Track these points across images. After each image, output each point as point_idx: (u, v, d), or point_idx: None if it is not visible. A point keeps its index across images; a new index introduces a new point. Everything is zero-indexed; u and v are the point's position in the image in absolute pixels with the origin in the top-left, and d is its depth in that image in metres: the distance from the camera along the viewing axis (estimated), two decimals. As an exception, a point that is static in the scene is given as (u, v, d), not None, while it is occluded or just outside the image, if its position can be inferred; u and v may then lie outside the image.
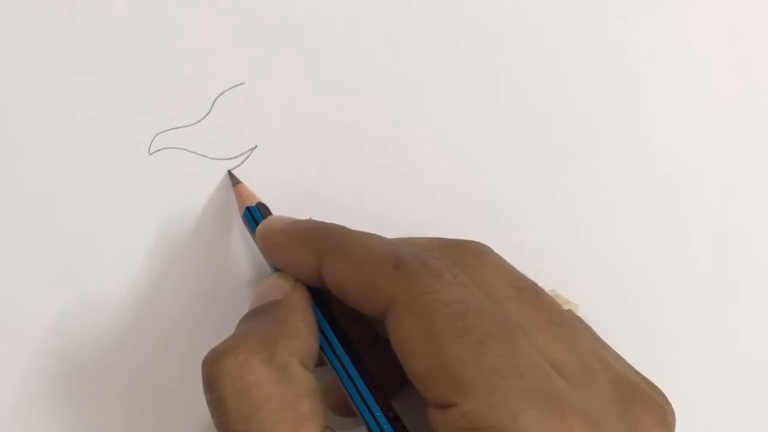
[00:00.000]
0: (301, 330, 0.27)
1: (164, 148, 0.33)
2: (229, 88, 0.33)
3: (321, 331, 0.28)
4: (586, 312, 0.31)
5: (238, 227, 0.33)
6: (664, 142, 0.35)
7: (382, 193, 0.34)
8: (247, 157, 0.33)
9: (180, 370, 0.32)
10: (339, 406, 0.29)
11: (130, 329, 0.32)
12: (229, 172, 0.33)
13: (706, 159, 0.36)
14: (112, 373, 0.32)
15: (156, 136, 0.33)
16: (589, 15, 0.35)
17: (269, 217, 0.31)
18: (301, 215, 0.31)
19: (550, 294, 0.30)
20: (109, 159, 0.33)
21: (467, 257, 0.28)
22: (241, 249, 0.33)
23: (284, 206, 0.32)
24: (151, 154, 0.33)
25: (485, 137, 0.35)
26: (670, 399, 0.27)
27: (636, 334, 0.35)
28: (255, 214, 0.31)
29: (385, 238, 0.28)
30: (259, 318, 0.28)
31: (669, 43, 0.36)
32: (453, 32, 0.35)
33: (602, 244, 0.35)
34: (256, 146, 0.33)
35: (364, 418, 0.27)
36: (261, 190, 0.32)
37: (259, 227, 0.30)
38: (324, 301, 0.29)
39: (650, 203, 0.35)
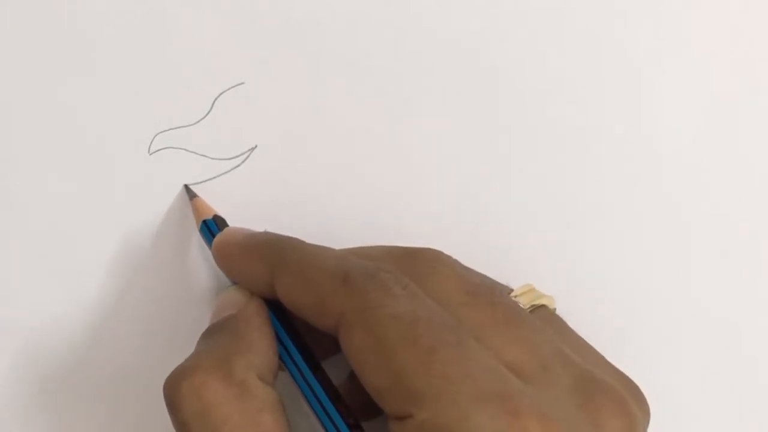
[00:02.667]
0: (257, 343, 0.27)
1: (164, 148, 0.33)
2: (229, 88, 0.33)
3: (279, 340, 0.28)
4: (578, 311, 0.31)
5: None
6: (664, 142, 0.35)
7: (383, 193, 0.34)
8: (247, 157, 0.33)
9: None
10: None
11: (119, 329, 0.32)
12: (186, 186, 0.33)
13: (706, 159, 0.36)
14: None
15: (156, 136, 0.33)
16: (589, 15, 0.35)
17: (225, 230, 0.31)
18: (301, 215, 0.31)
19: (525, 288, 0.30)
20: (109, 159, 0.33)
21: (421, 265, 0.28)
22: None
23: (284, 206, 0.33)
24: (151, 154, 0.33)
25: (486, 137, 0.35)
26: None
27: (626, 333, 0.35)
28: (212, 228, 0.31)
29: (337, 252, 0.28)
30: (215, 335, 0.28)
31: (669, 43, 0.36)
32: (453, 32, 0.35)
33: (602, 244, 0.35)
34: (256, 146, 0.33)
35: (324, 426, 0.27)
36: (261, 190, 0.33)
37: (215, 240, 0.30)
38: (283, 309, 0.29)
39: (650, 203, 0.35)
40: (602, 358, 0.28)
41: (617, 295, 0.35)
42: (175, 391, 0.26)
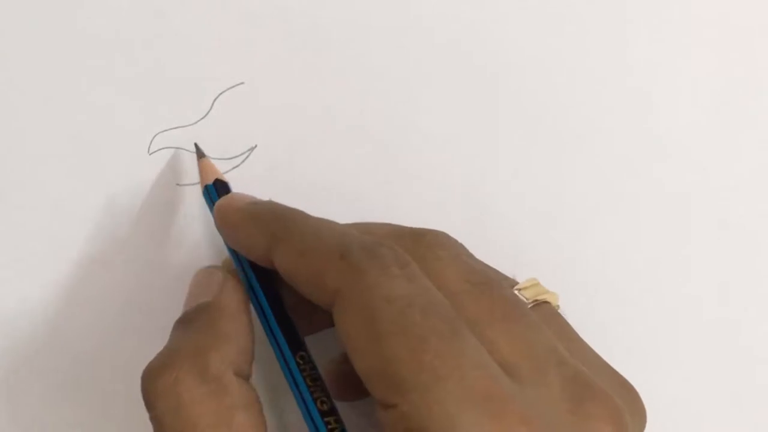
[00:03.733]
0: (232, 334, 0.27)
1: (164, 148, 0.33)
2: (229, 88, 0.33)
3: (263, 315, 0.28)
4: (578, 307, 0.31)
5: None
6: (663, 142, 0.35)
7: (383, 193, 0.34)
8: (247, 157, 0.33)
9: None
10: (339, 390, 0.29)
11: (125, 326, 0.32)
12: (195, 144, 0.32)
13: (705, 159, 0.36)
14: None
15: (156, 135, 0.33)
16: (588, 14, 0.35)
17: (229, 194, 0.30)
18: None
19: (528, 283, 0.29)
20: (108, 159, 0.33)
21: (424, 247, 0.27)
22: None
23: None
24: (150, 154, 0.33)
25: (486, 136, 0.35)
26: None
27: (626, 331, 0.35)
28: (212, 193, 0.30)
29: (339, 226, 0.28)
30: (189, 327, 0.27)
31: (669, 42, 0.36)
32: (453, 32, 0.35)
33: (602, 242, 0.35)
34: (256, 146, 0.33)
35: (299, 406, 0.26)
36: (261, 190, 0.32)
37: (217, 204, 0.30)
38: (268, 280, 0.28)
39: (650, 203, 0.35)
40: (600, 359, 0.28)
41: (617, 292, 0.35)
42: (150, 387, 0.26)
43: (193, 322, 0.27)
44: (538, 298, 0.29)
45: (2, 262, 0.32)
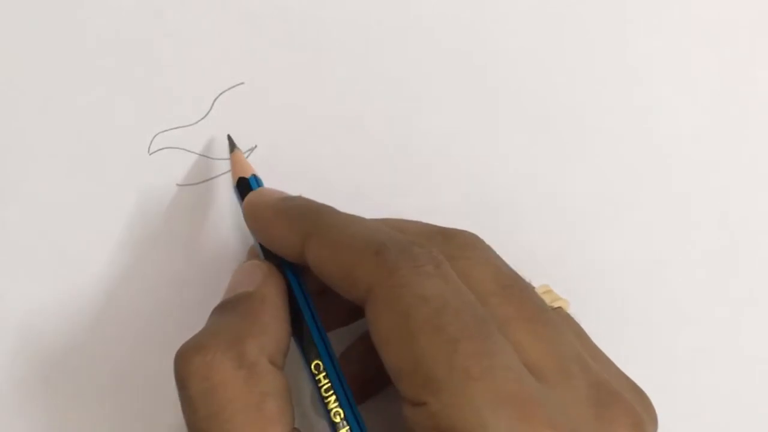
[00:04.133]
0: (270, 325, 0.27)
1: (164, 148, 0.33)
2: (229, 88, 0.33)
3: (299, 314, 0.28)
4: (582, 310, 0.31)
5: (239, 226, 0.33)
6: (663, 142, 0.35)
7: (383, 193, 0.34)
8: (247, 157, 0.33)
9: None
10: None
11: (125, 321, 0.32)
12: (228, 136, 0.32)
13: (705, 159, 0.36)
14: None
15: (156, 136, 0.33)
16: (588, 14, 0.35)
17: (259, 189, 0.30)
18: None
19: (542, 290, 0.29)
20: (108, 159, 0.33)
21: (454, 247, 0.27)
22: (241, 249, 0.33)
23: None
24: (150, 154, 0.33)
25: (486, 135, 0.35)
26: (663, 399, 0.27)
27: (631, 335, 0.35)
28: (243, 188, 0.30)
29: (371, 222, 0.28)
30: (229, 313, 0.27)
31: (669, 42, 0.36)
32: (453, 31, 0.35)
33: (603, 242, 0.35)
34: (256, 146, 0.33)
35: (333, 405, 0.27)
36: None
37: (247, 198, 0.30)
38: (298, 277, 0.28)
39: (649, 203, 0.35)
40: (614, 365, 0.28)
41: (622, 295, 0.35)
42: (185, 366, 0.26)
43: (234, 308, 0.27)
44: (552, 304, 0.29)
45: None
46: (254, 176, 0.31)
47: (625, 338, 0.35)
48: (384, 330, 0.24)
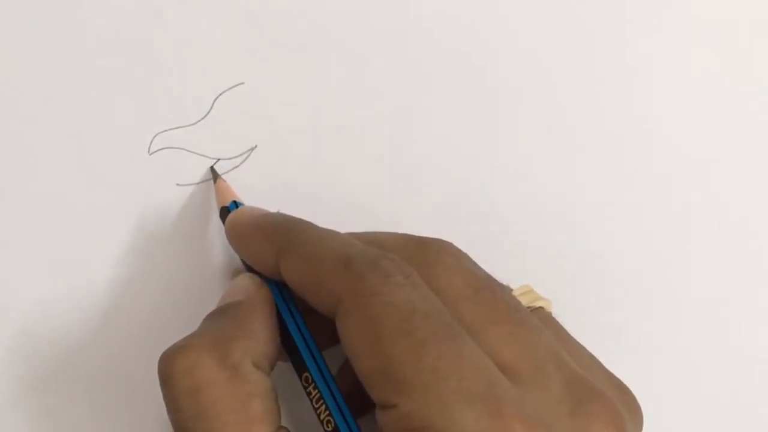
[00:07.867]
0: (258, 332, 0.27)
1: (164, 148, 0.33)
2: (229, 88, 0.33)
3: (288, 326, 0.28)
4: (582, 310, 0.31)
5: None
6: (662, 142, 0.35)
7: (383, 193, 0.34)
8: (247, 157, 0.33)
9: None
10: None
11: (123, 326, 0.32)
12: (211, 168, 0.33)
13: (705, 159, 0.36)
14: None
15: (156, 136, 0.33)
16: (588, 14, 0.35)
17: (240, 208, 0.31)
18: (302, 215, 0.31)
19: (521, 290, 0.30)
20: (108, 159, 0.33)
21: (426, 255, 0.28)
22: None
23: (284, 206, 0.32)
24: (151, 154, 0.33)
25: (485, 136, 0.35)
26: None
27: (629, 335, 0.35)
28: (226, 215, 0.31)
29: (344, 236, 0.28)
30: (218, 318, 0.28)
31: (669, 42, 0.36)
32: (453, 32, 0.35)
33: (603, 243, 0.35)
34: (256, 146, 0.33)
35: (328, 415, 0.27)
36: (261, 190, 0.33)
37: (228, 218, 0.30)
38: (291, 296, 0.29)
39: (649, 203, 0.35)
40: (598, 362, 0.28)
41: (614, 295, 0.35)
42: (168, 366, 0.26)
43: (223, 314, 0.28)
44: (533, 304, 0.29)
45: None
46: (234, 202, 0.31)
47: (622, 339, 0.35)
48: (354, 338, 0.25)
